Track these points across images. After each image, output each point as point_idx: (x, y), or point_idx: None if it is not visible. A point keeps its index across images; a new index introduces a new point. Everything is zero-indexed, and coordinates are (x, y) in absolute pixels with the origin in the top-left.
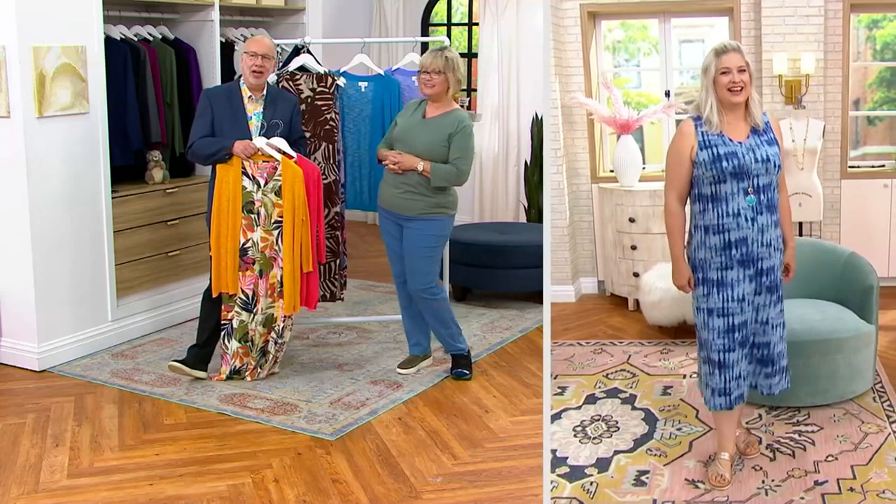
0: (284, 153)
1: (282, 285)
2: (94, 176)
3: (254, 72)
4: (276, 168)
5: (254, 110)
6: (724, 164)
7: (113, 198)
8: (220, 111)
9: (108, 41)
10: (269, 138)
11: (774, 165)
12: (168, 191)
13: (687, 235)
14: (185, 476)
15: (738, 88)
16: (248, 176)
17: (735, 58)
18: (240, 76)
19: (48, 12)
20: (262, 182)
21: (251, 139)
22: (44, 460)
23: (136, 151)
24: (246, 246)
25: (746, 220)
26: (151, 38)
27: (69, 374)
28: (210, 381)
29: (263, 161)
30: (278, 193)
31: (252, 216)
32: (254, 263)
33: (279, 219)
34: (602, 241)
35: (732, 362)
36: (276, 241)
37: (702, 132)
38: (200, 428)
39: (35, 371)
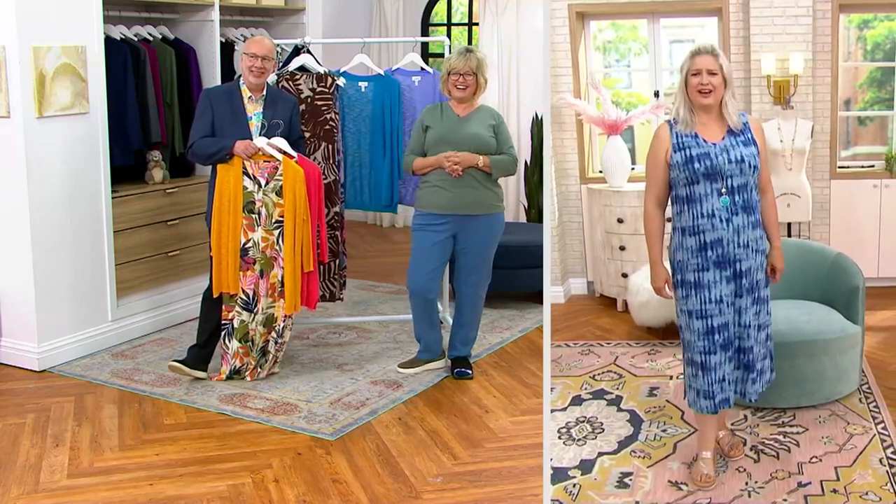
0: (285, 153)
1: (282, 285)
2: (94, 176)
3: (253, 73)
4: (276, 168)
5: (254, 110)
6: (696, 165)
7: (113, 198)
8: (220, 111)
9: (108, 41)
10: (269, 138)
11: (749, 166)
12: (168, 191)
13: (669, 237)
14: (185, 476)
15: (707, 91)
16: (248, 176)
17: (707, 60)
18: (240, 76)
19: (48, 12)
20: (262, 182)
21: (251, 139)
22: (44, 460)
23: (136, 151)
24: (247, 246)
25: (721, 220)
26: (151, 38)
27: (69, 374)
28: (210, 381)
29: (264, 161)
30: (279, 193)
31: (253, 216)
32: (254, 263)
33: (280, 218)
34: (591, 242)
35: (714, 365)
36: (277, 240)
37: (676, 133)
38: (200, 428)
39: (35, 371)
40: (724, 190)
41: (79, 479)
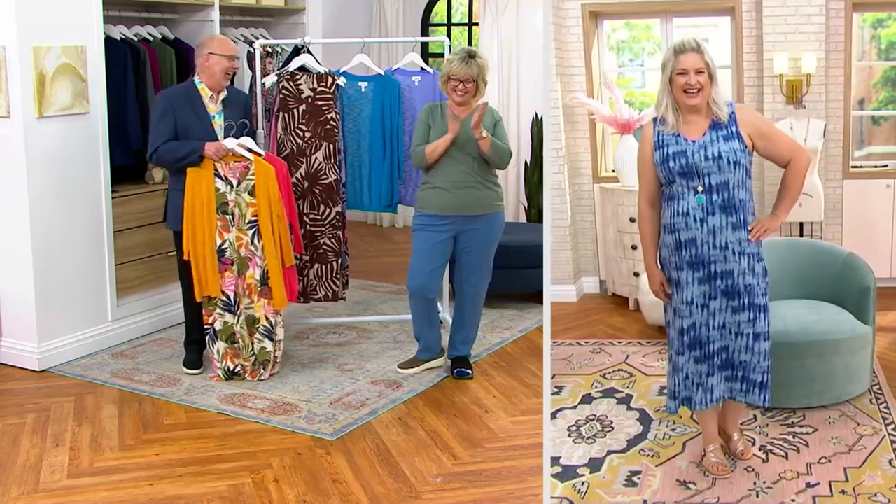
0: (254, 152)
1: (261, 284)
2: (94, 176)
3: (228, 74)
4: (248, 168)
5: (215, 110)
6: (672, 163)
7: (113, 198)
8: (182, 114)
9: (108, 41)
10: (237, 138)
11: (729, 162)
12: None
13: None
14: (185, 476)
15: (695, 91)
16: (220, 177)
17: (693, 58)
18: (194, 76)
19: (48, 12)
20: (234, 182)
21: (217, 140)
22: (44, 460)
23: (136, 151)
24: (223, 247)
25: (695, 220)
26: (151, 38)
27: (69, 374)
28: (210, 381)
29: (235, 161)
30: (251, 193)
31: (227, 217)
32: (232, 264)
33: (253, 218)
34: (604, 241)
35: (682, 364)
36: (252, 240)
37: (658, 132)
38: (200, 428)
39: (35, 371)
40: (699, 188)
41: (79, 479)
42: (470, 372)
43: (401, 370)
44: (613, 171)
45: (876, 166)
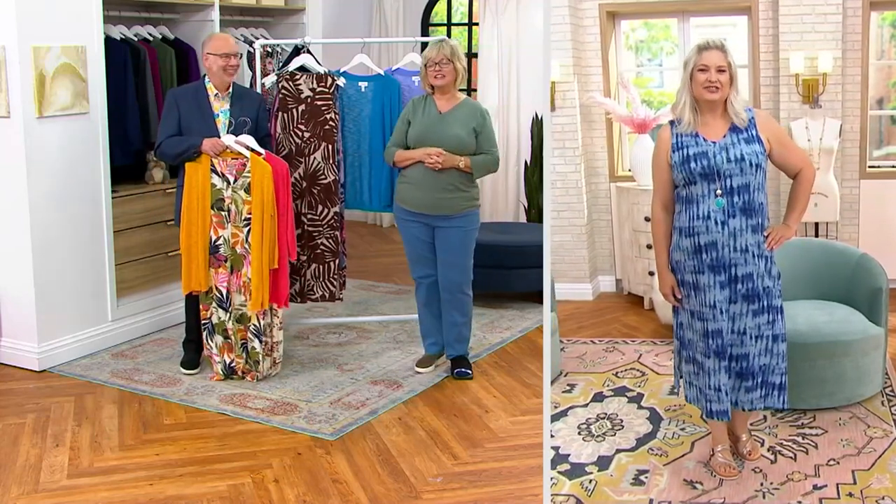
0: (252, 150)
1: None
2: (94, 176)
3: (228, 72)
4: (245, 165)
5: (220, 108)
6: (693, 164)
7: (113, 198)
8: (186, 110)
9: (108, 41)
10: (237, 136)
11: (750, 165)
12: (168, 191)
13: None
14: (185, 476)
15: (714, 88)
16: (217, 173)
17: (716, 56)
18: (205, 75)
19: (48, 12)
20: (231, 179)
21: (219, 137)
22: (44, 460)
23: (136, 151)
24: (217, 243)
25: (716, 223)
26: (151, 38)
27: (69, 374)
28: (210, 381)
29: (232, 158)
30: (248, 190)
31: (223, 213)
32: (226, 261)
33: (249, 215)
34: (620, 240)
35: (710, 370)
36: (247, 237)
37: (676, 134)
38: (200, 428)
39: (35, 371)
40: (719, 191)
41: (79, 479)
42: (470, 372)
43: (420, 369)
44: (629, 170)
45: (893, 166)
